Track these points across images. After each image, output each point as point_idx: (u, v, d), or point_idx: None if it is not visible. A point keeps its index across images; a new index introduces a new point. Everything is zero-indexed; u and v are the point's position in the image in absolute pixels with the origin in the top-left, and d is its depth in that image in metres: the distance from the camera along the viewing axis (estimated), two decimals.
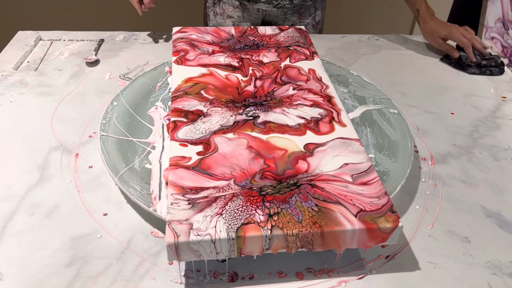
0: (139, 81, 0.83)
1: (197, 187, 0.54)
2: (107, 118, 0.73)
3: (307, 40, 0.89)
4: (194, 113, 0.66)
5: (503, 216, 0.65)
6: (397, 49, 1.09)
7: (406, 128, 0.75)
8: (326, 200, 0.53)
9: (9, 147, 0.73)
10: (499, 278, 0.56)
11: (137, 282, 0.54)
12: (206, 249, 0.49)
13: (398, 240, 0.60)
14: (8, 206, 0.63)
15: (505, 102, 0.91)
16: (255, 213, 0.51)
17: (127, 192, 0.59)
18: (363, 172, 0.57)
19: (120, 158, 0.66)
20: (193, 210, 0.51)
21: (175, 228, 0.48)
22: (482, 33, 1.24)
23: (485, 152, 0.77)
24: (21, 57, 0.98)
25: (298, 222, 0.50)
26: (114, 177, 0.62)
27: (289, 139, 0.62)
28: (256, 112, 0.67)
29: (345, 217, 0.51)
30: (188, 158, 0.58)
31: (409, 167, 0.66)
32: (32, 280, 0.53)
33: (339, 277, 0.55)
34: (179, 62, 0.79)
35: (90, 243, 0.58)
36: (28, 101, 0.85)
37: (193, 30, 0.89)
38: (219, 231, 0.48)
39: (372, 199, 0.53)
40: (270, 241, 0.49)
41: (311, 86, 0.75)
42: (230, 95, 0.71)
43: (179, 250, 0.48)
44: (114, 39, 1.08)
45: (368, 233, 0.51)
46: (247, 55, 0.82)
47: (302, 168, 0.58)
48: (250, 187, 0.54)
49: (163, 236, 0.59)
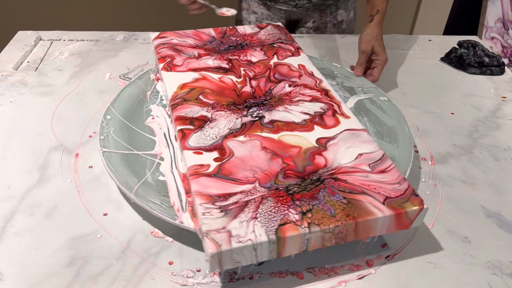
0: (126, 92, 0.79)
1: (224, 194, 0.53)
2: (104, 133, 0.69)
3: (288, 36, 0.90)
4: (199, 119, 0.65)
5: (503, 216, 0.65)
6: (397, 49, 1.09)
7: (399, 113, 0.78)
8: (352, 192, 0.54)
9: (9, 147, 0.73)
10: (499, 278, 0.56)
11: (137, 282, 0.54)
12: (247, 255, 0.48)
13: (398, 240, 0.60)
14: (8, 206, 0.63)
15: (505, 102, 0.91)
16: (289, 213, 0.50)
17: (148, 208, 0.56)
18: (378, 161, 0.59)
19: (130, 173, 0.62)
20: (227, 218, 0.50)
21: (214, 237, 0.47)
22: (482, 33, 1.25)
23: (485, 152, 0.77)
24: (21, 57, 0.98)
25: (332, 216, 0.50)
26: (130, 193, 0.58)
27: (300, 136, 0.63)
28: (260, 112, 0.67)
29: (374, 206, 0.52)
30: (207, 166, 0.57)
31: (412, 151, 0.68)
32: (32, 280, 0.53)
33: (339, 277, 0.55)
34: (167, 68, 0.77)
35: (90, 243, 0.58)
36: (28, 101, 0.85)
37: (172, 34, 0.87)
38: (259, 235, 0.48)
39: (394, 185, 0.55)
40: (308, 239, 0.50)
41: (305, 81, 0.76)
42: (230, 97, 0.71)
43: (222, 260, 0.47)
44: (114, 39, 1.08)
45: (397, 219, 0.52)
46: (234, 56, 0.82)
47: (321, 163, 0.58)
48: (276, 188, 0.54)
49: (163, 236, 0.59)
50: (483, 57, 1.00)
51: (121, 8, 1.95)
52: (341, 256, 0.57)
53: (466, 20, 1.38)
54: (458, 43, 1.06)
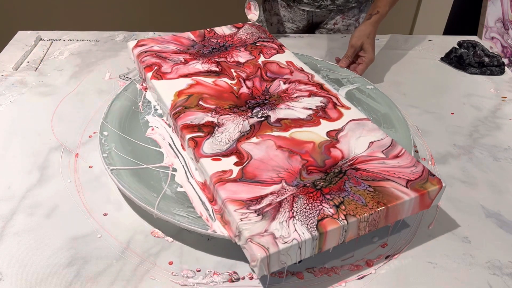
0: (116, 105, 0.76)
1: (256, 197, 0.53)
2: (106, 150, 0.66)
3: (267, 34, 0.90)
4: (207, 126, 0.64)
5: (503, 216, 0.65)
6: (397, 49, 1.09)
7: (388, 99, 0.81)
8: (375, 179, 0.55)
9: (9, 147, 0.73)
10: (499, 278, 0.56)
11: (137, 282, 0.54)
12: (292, 255, 0.48)
13: (397, 240, 0.60)
14: (8, 206, 0.63)
15: (505, 102, 0.91)
16: (323, 208, 0.51)
17: (175, 222, 0.55)
18: (389, 147, 0.61)
19: (145, 189, 0.60)
20: (266, 220, 0.50)
21: (260, 242, 0.47)
22: (482, 33, 1.25)
23: (485, 152, 0.77)
24: (21, 57, 0.98)
25: (364, 205, 0.52)
26: (152, 209, 0.57)
27: (310, 131, 0.64)
28: (264, 112, 0.68)
29: (399, 190, 0.54)
30: (229, 171, 0.56)
31: (411, 134, 0.72)
32: (32, 280, 0.53)
33: (339, 277, 0.55)
34: (158, 77, 0.75)
35: (90, 243, 0.58)
36: (28, 101, 0.85)
37: (151, 41, 0.85)
38: (302, 233, 0.48)
39: (411, 169, 0.57)
40: (346, 230, 0.51)
41: (298, 77, 0.77)
42: (230, 100, 0.70)
43: (270, 262, 0.47)
44: (114, 39, 1.08)
45: (420, 199, 0.54)
46: (221, 58, 0.81)
47: (338, 155, 0.59)
48: (304, 185, 0.54)
49: (163, 236, 0.59)
50: (483, 57, 1.00)
51: (121, 8, 1.95)
52: (341, 256, 0.58)
53: (466, 20, 1.39)
54: (458, 43, 1.06)
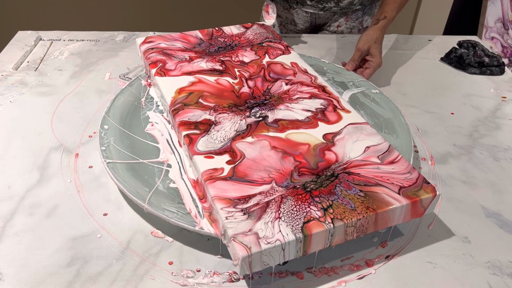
0: (119, 100, 0.77)
1: (244, 196, 0.53)
2: (105, 144, 0.67)
3: (275, 35, 0.90)
4: (204, 123, 0.65)
5: (503, 216, 0.65)
6: (397, 49, 1.09)
7: (393, 104, 0.80)
8: (367, 184, 0.55)
9: (9, 147, 0.73)
10: (499, 278, 0.56)
11: (137, 282, 0.54)
12: (275, 256, 0.48)
13: (397, 240, 0.60)
14: (8, 206, 0.63)
15: (505, 102, 0.91)
16: (310, 210, 0.51)
17: (164, 217, 0.56)
18: (386, 152, 0.60)
19: (139, 183, 0.61)
20: (251, 220, 0.50)
21: (243, 241, 0.47)
22: (482, 33, 1.25)
23: (485, 152, 0.77)
24: (21, 57, 0.98)
25: (352, 210, 0.51)
26: (143, 203, 0.57)
27: (306, 133, 0.63)
28: (263, 112, 0.68)
29: (391, 196, 0.53)
30: (221, 169, 0.57)
31: (412, 140, 0.71)
32: (32, 280, 0.53)
33: (339, 277, 0.55)
34: (161, 73, 0.76)
35: (90, 243, 0.58)
36: (28, 101, 0.85)
37: (159, 38, 0.86)
38: (286, 235, 0.48)
39: (405, 175, 0.56)
40: (333, 234, 0.50)
41: (301, 79, 0.76)
42: (230, 99, 0.71)
43: (252, 262, 0.47)
44: (114, 39, 1.08)
45: (412, 207, 0.53)
46: (225, 57, 0.82)
47: (332, 158, 0.59)
48: (294, 186, 0.54)
49: (163, 236, 0.59)
50: (483, 57, 1.00)
51: (121, 8, 1.96)
52: (341, 256, 0.58)
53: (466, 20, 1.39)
54: (458, 43, 1.06)
